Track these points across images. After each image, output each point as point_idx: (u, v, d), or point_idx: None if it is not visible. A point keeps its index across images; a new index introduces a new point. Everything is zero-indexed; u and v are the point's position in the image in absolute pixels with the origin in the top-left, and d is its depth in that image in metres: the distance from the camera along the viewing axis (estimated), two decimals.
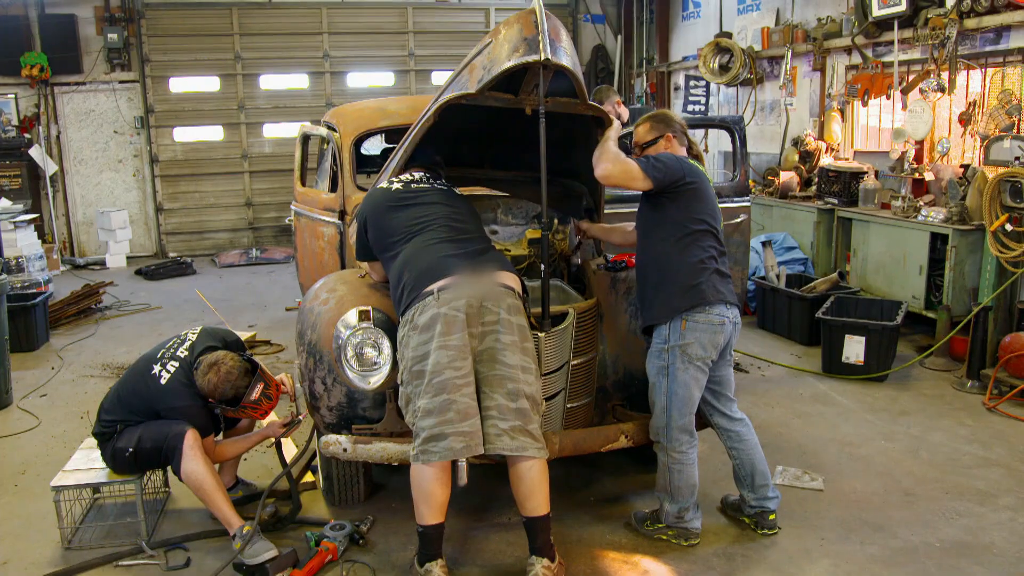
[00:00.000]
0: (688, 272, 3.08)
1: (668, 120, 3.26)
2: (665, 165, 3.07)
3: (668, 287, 3.09)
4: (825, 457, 4.09)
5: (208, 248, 11.01)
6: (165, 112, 10.65)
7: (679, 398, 3.10)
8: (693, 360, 3.08)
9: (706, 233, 3.12)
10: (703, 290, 3.07)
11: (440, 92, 3.18)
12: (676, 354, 3.07)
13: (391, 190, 3.22)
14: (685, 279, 3.07)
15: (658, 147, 3.20)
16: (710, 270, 3.10)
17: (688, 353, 3.07)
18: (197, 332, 3.50)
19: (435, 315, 2.78)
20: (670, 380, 3.10)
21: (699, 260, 3.09)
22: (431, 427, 2.75)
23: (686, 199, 3.08)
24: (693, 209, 3.10)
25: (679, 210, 3.09)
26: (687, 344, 3.07)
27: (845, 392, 5.04)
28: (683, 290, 3.07)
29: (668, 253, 3.11)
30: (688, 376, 3.09)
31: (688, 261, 3.08)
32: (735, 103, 9.22)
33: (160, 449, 3.23)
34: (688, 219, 3.10)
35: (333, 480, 3.57)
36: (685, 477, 3.18)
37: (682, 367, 3.08)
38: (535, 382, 2.90)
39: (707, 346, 3.09)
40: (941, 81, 6.06)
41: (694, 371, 3.09)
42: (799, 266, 6.85)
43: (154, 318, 7.39)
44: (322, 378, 3.25)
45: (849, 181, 6.70)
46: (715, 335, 3.09)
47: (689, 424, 3.15)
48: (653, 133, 3.23)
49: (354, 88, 11.19)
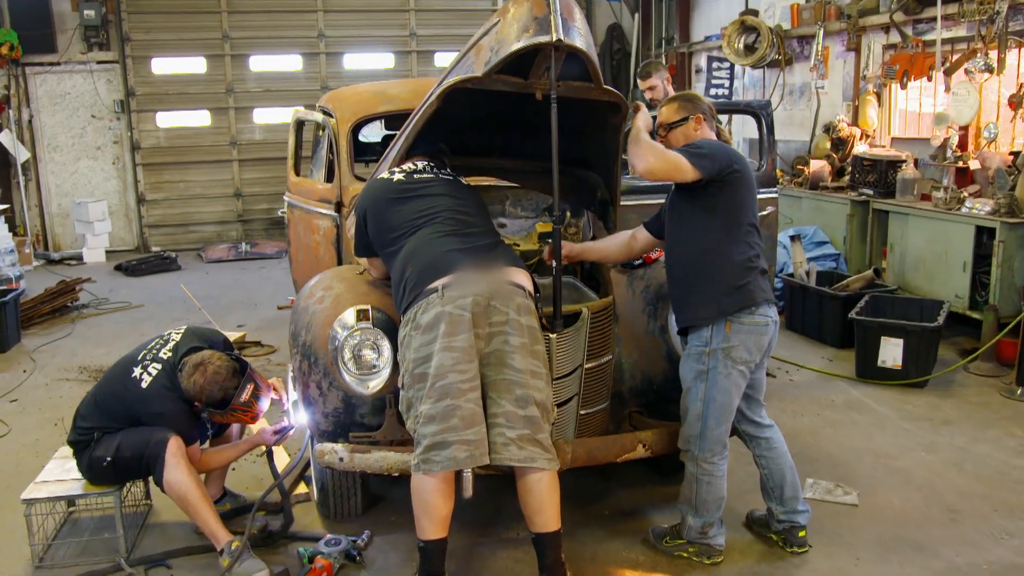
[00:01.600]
0: (737, 270, 3.07)
1: (697, 101, 3.26)
2: (711, 152, 3.05)
3: (713, 286, 3.07)
4: (860, 469, 4.08)
5: (194, 242, 11.05)
6: (147, 95, 10.69)
7: (717, 405, 3.09)
8: (737, 364, 3.07)
9: (752, 227, 3.12)
10: (751, 290, 3.07)
11: (444, 75, 3.19)
12: (719, 358, 3.06)
13: (392, 181, 3.23)
14: (733, 278, 3.06)
15: (687, 128, 3.19)
16: (757, 269, 3.11)
17: (732, 357, 3.06)
18: (181, 332, 3.52)
19: (439, 314, 2.79)
20: (709, 386, 3.09)
21: (747, 258, 3.09)
22: (433, 434, 2.76)
23: (733, 188, 3.07)
24: (741, 200, 3.09)
25: (726, 201, 3.07)
26: (732, 347, 3.06)
27: (881, 399, 5.03)
28: (730, 290, 3.05)
29: (713, 249, 3.08)
30: (730, 382, 3.08)
31: (736, 258, 3.07)
32: (761, 86, 9.20)
33: (141, 458, 3.25)
34: (736, 211, 3.08)
35: (328, 492, 3.58)
36: (714, 490, 3.18)
37: (724, 372, 3.07)
38: (546, 388, 2.91)
39: (752, 349, 3.09)
40: (989, 61, 6.03)
41: (737, 376, 3.09)
42: (831, 262, 6.83)
43: (135, 317, 7.43)
44: (317, 382, 3.26)
45: (886, 170, 6.68)
46: (760, 337, 3.10)
47: (725, 434, 3.15)
48: (681, 113, 3.23)
49: (351, 70, 11.21)
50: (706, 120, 3.22)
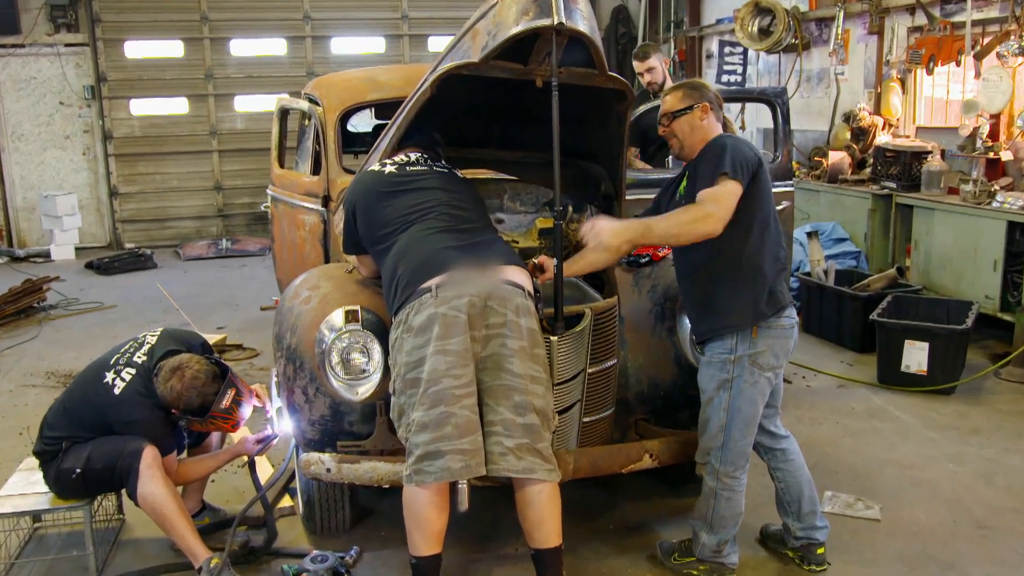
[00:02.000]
0: (770, 273, 3.06)
1: (703, 88, 3.24)
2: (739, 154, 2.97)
3: (747, 291, 3.04)
4: (882, 482, 4.09)
5: (171, 238, 11.07)
6: (120, 81, 10.70)
7: (743, 416, 3.08)
8: (764, 371, 3.07)
9: (777, 225, 3.11)
10: (782, 292, 3.09)
11: (438, 61, 3.19)
12: (744, 365, 3.05)
13: (383, 173, 3.24)
14: (766, 282, 3.05)
15: (691, 118, 3.18)
16: (785, 269, 3.12)
17: (759, 363, 3.05)
18: (157, 334, 3.53)
19: (432, 315, 2.79)
20: (734, 395, 3.07)
21: (775, 258, 3.09)
22: (426, 443, 2.76)
23: (757, 185, 3.03)
24: (764, 196, 3.07)
25: (750, 199, 3.02)
26: (759, 353, 3.05)
27: (905, 406, 5.04)
28: (764, 295, 3.04)
29: (741, 251, 3.05)
30: (756, 391, 3.07)
31: (768, 260, 3.06)
32: (777, 73, 9.21)
33: (113, 469, 3.24)
34: (760, 209, 3.05)
35: (314, 505, 3.59)
36: (733, 505, 3.17)
37: (750, 380, 3.06)
38: (546, 394, 2.91)
39: (779, 353, 3.09)
40: (1023, 44, 6.02)
41: (764, 384, 3.08)
42: (850, 260, 6.85)
43: (107, 319, 7.43)
44: (303, 388, 3.27)
45: (910, 162, 6.69)
46: (787, 340, 3.11)
47: (748, 446, 3.15)
48: (686, 101, 3.22)
49: (339, 55, 11.23)
50: (712, 109, 3.20)
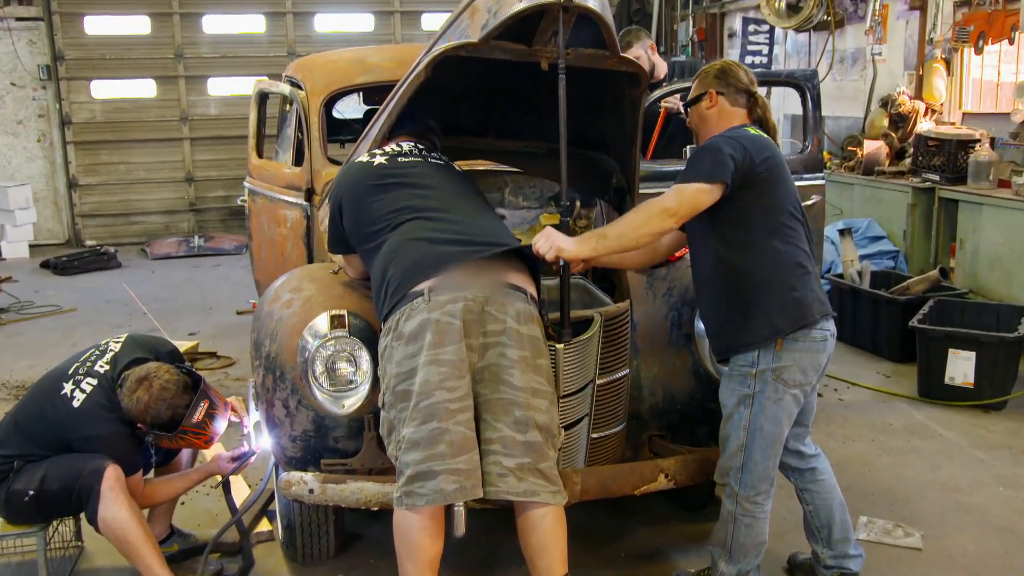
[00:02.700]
0: (785, 280, 3.04)
1: (708, 72, 3.22)
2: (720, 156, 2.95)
3: (760, 304, 3.04)
4: (923, 506, 4.10)
5: (137, 235, 11.09)
6: (79, 60, 10.72)
7: (765, 436, 3.07)
8: (790, 387, 3.05)
9: (798, 225, 3.09)
10: (808, 303, 3.04)
11: (433, 41, 3.21)
12: (767, 380, 3.04)
13: (372, 165, 3.24)
14: (782, 290, 3.04)
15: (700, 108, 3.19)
16: (811, 274, 3.08)
17: (784, 379, 3.04)
18: (121, 341, 3.52)
19: (424, 322, 2.79)
20: (755, 413, 3.07)
21: (796, 264, 3.06)
22: (417, 463, 2.76)
23: (754, 188, 3.01)
24: (770, 198, 3.05)
25: (751, 203, 3.03)
26: (783, 367, 3.03)
27: (949, 423, 5.05)
28: (782, 305, 3.02)
29: (751, 258, 3.05)
30: (780, 408, 3.06)
31: (781, 268, 3.04)
32: (806, 53, 9.21)
33: (71, 491, 3.22)
34: (766, 215, 3.05)
35: (295, 530, 3.59)
36: (754, 533, 3.16)
37: (773, 397, 3.05)
38: (550, 408, 2.91)
39: (808, 369, 3.06)
40: None
41: (789, 402, 3.07)
42: (888, 261, 6.86)
43: (66, 323, 7.45)
44: (283, 400, 3.28)
45: (955, 152, 6.69)
46: (817, 355, 3.07)
47: (772, 469, 3.14)
48: (696, 90, 3.23)
49: (323, 34, 11.26)
50: (725, 96, 3.18)
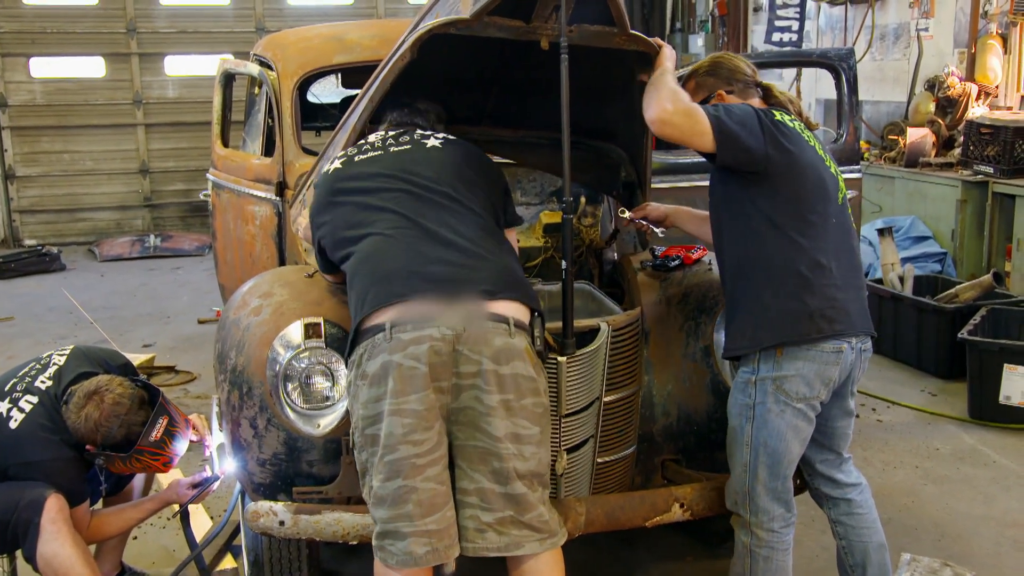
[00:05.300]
0: (780, 284, 3.04)
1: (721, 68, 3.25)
2: (740, 122, 2.99)
3: (750, 305, 3.08)
4: (976, 543, 4.10)
5: (84, 233, 11.08)
6: (15, 34, 10.70)
7: (768, 452, 3.08)
8: (792, 400, 3.05)
9: (811, 225, 3.07)
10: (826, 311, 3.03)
11: (420, 16, 3.24)
12: (767, 390, 3.05)
13: (344, 165, 3.16)
14: (779, 294, 3.04)
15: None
16: (818, 283, 3.05)
17: (785, 390, 3.05)
18: (66, 354, 3.53)
19: (387, 364, 2.72)
20: (757, 427, 3.08)
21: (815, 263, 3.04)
22: (384, 521, 2.75)
23: (771, 177, 3.04)
24: (790, 190, 3.06)
25: (763, 192, 3.05)
26: (784, 377, 3.04)
27: (1004, 448, 5.05)
28: (780, 314, 3.03)
29: (759, 254, 3.07)
30: (783, 423, 3.06)
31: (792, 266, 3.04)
32: (842, 29, 9.24)
33: (6, 524, 3.20)
34: (780, 205, 3.06)
35: (264, 566, 3.57)
36: (774, 568, 3.16)
37: (775, 409, 3.06)
38: (537, 450, 2.84)
39: (813, 381, 3.05)
40: None
41: (792, 416, 3.06)
42: (934, 264, 6.87)
43: (3, 334, 7.45)
44: (251, 419, 3.27)
45: (1012, 140, 6.69)
46: (827, 367, 3.05)
47: (783, 491, 3.14)
48: (701, 92, 3.23)
49: (296, 7, 11.28)
50: (735, 93, 3.22)
